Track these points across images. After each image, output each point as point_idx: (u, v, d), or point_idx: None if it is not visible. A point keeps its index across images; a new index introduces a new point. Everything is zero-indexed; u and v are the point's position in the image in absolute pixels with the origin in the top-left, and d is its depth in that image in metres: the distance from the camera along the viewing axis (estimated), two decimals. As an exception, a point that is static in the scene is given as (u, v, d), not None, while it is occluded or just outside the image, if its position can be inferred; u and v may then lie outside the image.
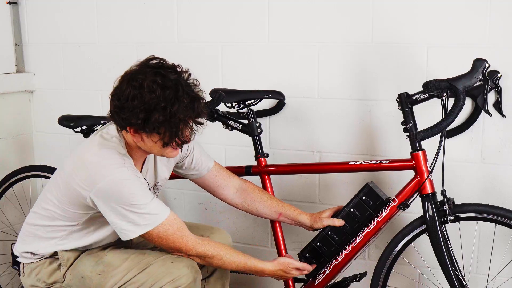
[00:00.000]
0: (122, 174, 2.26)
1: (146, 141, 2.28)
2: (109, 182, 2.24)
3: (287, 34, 3.10)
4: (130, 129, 2.25)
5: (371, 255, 3.11)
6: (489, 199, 2.80)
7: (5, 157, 3.65)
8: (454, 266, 2.54)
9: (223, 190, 2.75)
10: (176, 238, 2.35)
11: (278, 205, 2.76)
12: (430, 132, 2.46)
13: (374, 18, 2.91)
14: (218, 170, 2.74)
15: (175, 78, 2.21)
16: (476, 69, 2.39)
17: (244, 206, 2.76)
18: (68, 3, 3.59)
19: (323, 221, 2.69)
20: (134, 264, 2.39)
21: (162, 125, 2.19)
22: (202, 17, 3.27)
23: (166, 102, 2.16)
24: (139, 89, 2.17)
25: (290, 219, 2.76)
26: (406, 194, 2.59)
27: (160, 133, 2.21)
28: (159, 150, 2.31)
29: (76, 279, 2.45)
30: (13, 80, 3.67)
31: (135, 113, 2.17)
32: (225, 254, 2.45)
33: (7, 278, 3.67)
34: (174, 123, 2.19)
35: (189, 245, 2.38)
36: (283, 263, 2.59)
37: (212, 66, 3.27)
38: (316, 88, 3.08)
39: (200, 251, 2.40)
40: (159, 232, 2.32)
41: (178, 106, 2.17)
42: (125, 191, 2.25)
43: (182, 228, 2.38)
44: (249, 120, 2.87)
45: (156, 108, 2.16)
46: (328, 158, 3.10)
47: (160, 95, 2.16)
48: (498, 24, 2.71)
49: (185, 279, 2.34)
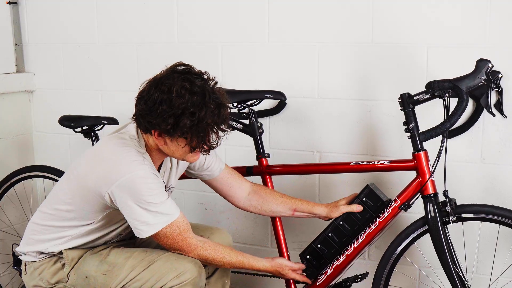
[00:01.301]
0: (143, 172, 2.27)
1: (169, 145, 2.30)
2: (129, 179, 2.25)
3: (287, 34, 3.10)
4: (155, 132, 2.27)
5: (373, 255, 3.11)
6: (489, 199, 2.81)
7: (5, 157, 3.65)
8: (456, 267, 2.55)
9: (235, 193, 2.76)
10: (180, 239, 2.38)
11: (291, 201, 2.76)
12: (434, 133, 2.46)
13: (374, 18, 2.91)
14: (230, 172, 2.75)
15: (201, 84, 2.23)
16: (479, 69, 2.39)
17: (257, 208, 2.77)
18: (68, 3, 3.59)
19: (340, 208, 2.69)
20: (138, 262, 2.41)
21: (190, 130, 2.21)
22: (202, 17, 3.27)
23: (194, 107, 2.18)
24: (168, 93, 2.19)
25: (305, 213, 2.75)
26: (408, 194, 2.59)
27: (187, 138, 2.24)
28: (182, 154, 2.33)
29: (80, 279, 2.46)
30: (13, 80, 3.67)
31: (164, 118, 2.19)
32: (224, 256, 2.49)
33: (7, 278, 3.67)
34: (202, 128, 2.21)
35: (191, 247, 2.41)
36: (280, 264, 2.65)
37: (212, 66, 3.26)
38: (316, 88, 3.08)
39: (201, 253, 2.44)
40: (166, 232, 2.35)
41: (206, 111, 2.20)
42: (143, 189, 2.27)
43: (188, 229, 2.41)
44: (250, 121, 2.87)
45: (185, 113, 2.18)
46: (329, 158, 3.10)
47: (188, 100, 2.18)
48: (498, 24, 2.71)
49: (189, 274, 2.36)
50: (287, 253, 2.87)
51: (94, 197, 2.33)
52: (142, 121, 2.28)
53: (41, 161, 3.79)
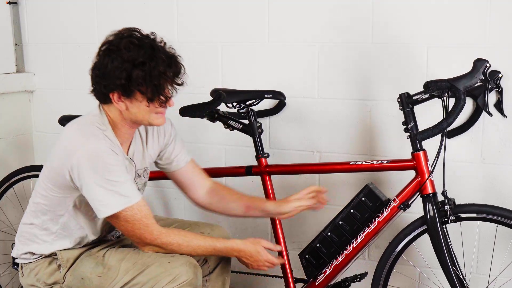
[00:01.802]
0: (97, 145, 2.28)
1: (130, 107, 2.31)
2: (84, 153, 2.26)
3: (287, 34, 3.10)
4: (114, 96, 2.29)
5: (372, 255, 3.11)
6: (489, 199, 2.80)
7: (5, 157, 3.65)
8: (455, 266, 2.55)
9: (195, 189, 2.72)
10: (142, 225, 2.34)
11: (245, 198, 2.71)
12: (431, 132, 2.46)
13: (374, 18, 2.91)
14: (195, 167, 2.73)
15: (150, 41, 2.29)
16: (476, 69, 2.39)
17: (213, 205, 2.72)
18: (68, 3, 3.59)
19: (291, 202, 2.62)
20: (131, 265, 2.38)
21: (143, 81, 2.23)
22: (202, 17, 3.27)
23: (144, 58, 2.22)
24: (117, 51, 2.24)
25: (257, 210, 2.68)
26: (407, 194, 2.59)
27: (142, 91, 2.25)
28: (145, 115, 2.33)
29: (76, 280, 2.45)
30: (13, 80, 3.67)
31: (116, 74, 2.23)
32: (191, 240, 2.41)
33: (7, 278, 3.67)
34: (155, 77, 2.23)
35: (154, 233, 2.36)
36: (254, 240, 2.52)
37: (212, 66, 3.27)
38: (316, 88, 3.08)
39: (165, 240, 2.38)
40: (127, 215, 2.31)
41: (157, 61, 2.24)
42: (100, 164, 2.27)
43: (150, 216, 2.37)
44: (249, 120, 2.86)
45: (135, 64, 2.22)
46: (328, 158, 3.10)
47: (137, 52, 2.23)
48: (498, 24, 2.71)
49: (185, 277, 2.33)
50: (287, 253, 2.86)
51: (60, 178, 2.33)
52: (99, 89, 2.31)
53: (41, 161, 3.79)
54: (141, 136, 2.55)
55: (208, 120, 2.90)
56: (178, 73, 2.33)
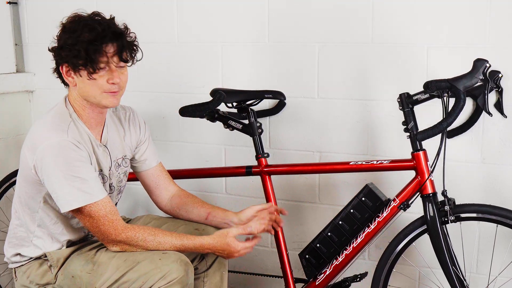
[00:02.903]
0: (61, 139, 2.30)
1: (78, 82, 2.36)
2: (47, 146, 2.28)
3: (287, 34, 3.10)
4: (62, 69, 2.37)
5: (372, 255, 3.11)
6: (489, 199, 2.80)
7: (5, 157, 3.65)
8: (455, 266, 2.55)
9: (160, 192, 2.73)
10: (106, 221, 2.34)
11: (208, 206, 2.71)
12: (431, 132, 2.46)
13: (374, 18, 2.91)
14: (162, 172, 2.74)
15: (99, 18, 2.39)
16: (476, 69, 2.39)
17: (175, 210, 2.72)
18: (68, 3, 3.57)
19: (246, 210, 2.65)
20: (121, 261, 2.37)
21: (72, 48, 2.29)
22: (202, 17, 3.27)
23: (76, 27, 2.33)
24: (60, 28, 2.39)
25: (218, 217, 2.67)
26: (407, 194, 2.59)
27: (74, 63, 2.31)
28: (93, 92, 2.36)
29: (67, 279, 2.44)
30: (13, 80, 3.67)
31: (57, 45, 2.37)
32: (157, 235, 2.39)
33: (7, 278, 3.67)
34: (82, 43, 2.29)
35: (118, 228, 2.36)
36: (221, 233, 2.45)
37: (212, 66, 3.27)
38: (316, 88, 3.08)
39: (129, 234, 2.36)
40: (91, 211, 2.32)
41: (89, 30, 2.31)
42: (62, 158, 2.28)
43: (115, 213, 2.37)
44: (249, 120, 2.87)
45: (68, 31, 2.34)
46: (328, 158, 3.10)
47: (76, 25, 2.33)
48: (498, 24, 2.71)
49: (175, 274, 2.31)
50: (287, 252, 2.86)
51: (27, 172, 2.35)
52: (55, 62, 2.41)
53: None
54: (115, 124, 2.57)
55: (208, 120, 2.90)
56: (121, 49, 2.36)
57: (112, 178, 2.55)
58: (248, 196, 3.31)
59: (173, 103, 3.29)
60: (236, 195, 3.35)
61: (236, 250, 2.45)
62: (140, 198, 3.55)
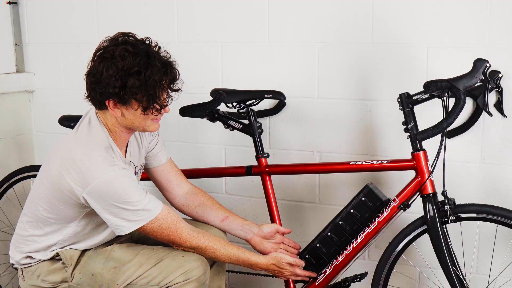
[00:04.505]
0: (114, 173, 2.28)
1: (126, 114, 2.32)
2: (102, 182, 2.26)
3: (287, 34, 3.10)
4: (109, 103, 2.29)
5: (372, 255, 3.11)
6: (489, 199, 2.80)
7: (5, 157, 3.65)
8: (455, 266, 2.55)
9: (172, 189, 2.73)
10: (170, 232, 2.38)
11: (225, 210, 2.75)
12: (431, 132, 2.46)
13: (374, 18, 2.91)
14: (173, 168, 2.75)
15: (144, 47, 2.29)
16: (476, 69, 2.39)
17: (190, 208, 2.73)
18: (68, 3, 3.59)
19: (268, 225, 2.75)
20: (145, 259, 2.41)
21: (139, 90, 2.23)
22: (202, 17, 3.27)
23: (139, 67, 2.23)
24: (111, 59, 2.24)
25: (235, 223, 2.71)
26: (407, 194, 2.59)
27: (138, 99, 2.26)
28: (141, 122, 2.34)
29: (86, 277, 2.46)
30: (13, 80, 3.67)
31: (111, 83, 2.23)
32: (219, 247, 2.46)
33: (7, 278, 3.67)
34: (150, 86, 2.24)
35: (183, 237, 2.40)
36: (275, 257, 2.60)
37: (212, 66, 3.27)
38: (316, 88, 3.08)
39: (194, 243, 2.42)
40: (153, 226, 2.35)
41: (152, 69, 2.24)
42: (118, 190, 2.27)
43: (177, 221, 2.39)
44: (249, 120, 2.86)
45: (131, 73, 2.22)
46: (328, 158, 3.10)
47: (132, 61, 2.22)
48: (498, 24, 2.71)
49: (196, 272, 2.37)
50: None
51: (70, 198, 2.32)
52: (94, 96, 2.31)
53: (41, 161, 3.77)
54: (135, 136, 2.56)
55: (208, 120, 2.90)
56: (174, 80, 2.35)
57: None
58: (248, 196, 3.31)
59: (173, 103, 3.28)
60: (236, 195, 3.35)
61: (286, 274, 2.65)
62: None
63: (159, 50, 2.34)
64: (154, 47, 2.33)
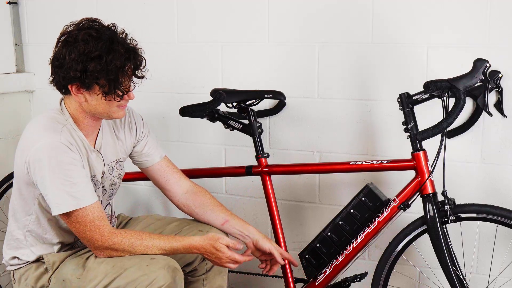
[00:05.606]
0: (53, 141, 2.28)
1: (89, 99, 2.32)
2: (40, 147, 2.26)
3: (287, 34, 3.10)
4: (72, 87, 2.30)
5: (372, 255, 3.11)
6: (489, 199, 2.80)
7: (5, 157, 3.65)
8: (455, 266, 2.55)
9: (170, 187, 2.70)
10: (93, 227, 2.31)
11: (227, 212, 2.69)
12: (431, 132, 2.46)
13: (374, 18, 2.91)
14: (169, 165, 2.72)
15: (110, 33, 2.28)
16: (476, 69, 2.39)
17: (191, 208, 2.69)
18: (68, 3, 3.59)
19: (269, 242, 2.64)
20: (110, 267, 2.33)
21: (100, 74, 2.23)
22: (202, 17, 3.27)
23: (101, 51, 2.22)
24: (74, 43, 2.24)
25: (236, 227, 2.66)
26: (407, 194, 2.59)
27: (99, 84, 2.26)
28: (105, 108, 2.34)
29: (58, 282, 2.42)
30: (13, 80, 3.67)
31: (72, 66, 2.23)
32: (144, 238, 2.36)
33: (7, 278, 3.66)
34: (112, 71, 2.24)
35: (105, 234, 2.32)
36: (212, 236, 2.41)
37: (212, 66, 3.27)
38: (316, 88, 3.08)
39: (116, 240, 2.33)
40: (78, 215, 2.29)
41: (114, 54, 2.24)
42: (53, 160, 2.26)
43: (103, 218, 2.33)
44: (249, 120, 2.86)
45: (92, 58, 2.22)
46: (328, 158, 3.10)
47: (95, 45, 2.22)
48: (498, 24, 2.71)
49: (163, 281, 2.26)
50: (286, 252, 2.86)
51: (21, 173, 2.35)
52: (58, 80, 2.32)
53: (41, 161, 3.79)
54: (110, 127, 2.55)
55: (208, 120, 2.90)
56: (138, 66, 2.34)
57: (105, 182, 2.53)
58: (248, 196, 3.31)
59: (173, 103, 3.29)
60: (236, 195, 3.35)
61: (224, 257, 2.41)
62: (140, 198, 3.56)
63: (126, 38, 2.33)
64: (120, 34, 2.32)
